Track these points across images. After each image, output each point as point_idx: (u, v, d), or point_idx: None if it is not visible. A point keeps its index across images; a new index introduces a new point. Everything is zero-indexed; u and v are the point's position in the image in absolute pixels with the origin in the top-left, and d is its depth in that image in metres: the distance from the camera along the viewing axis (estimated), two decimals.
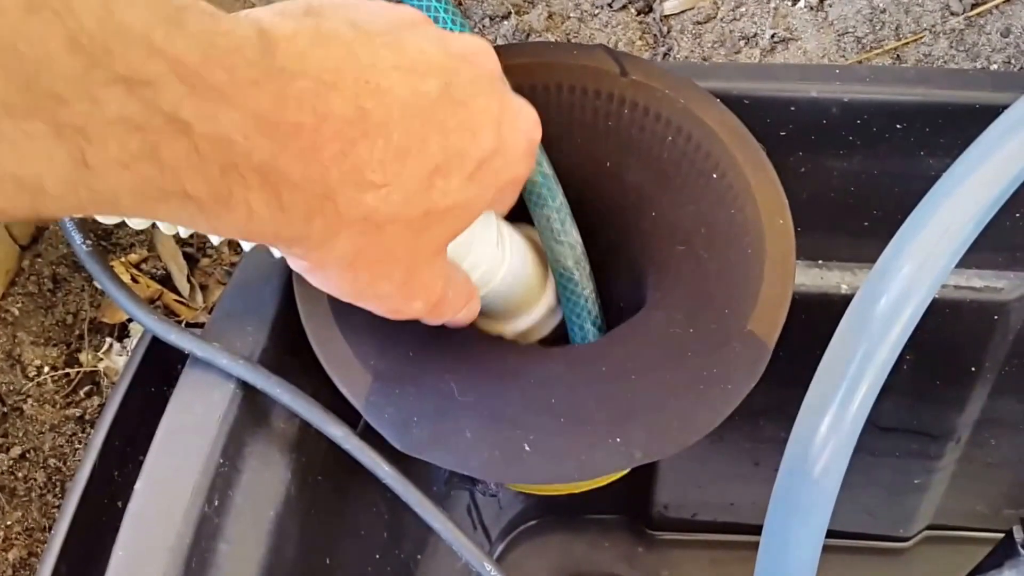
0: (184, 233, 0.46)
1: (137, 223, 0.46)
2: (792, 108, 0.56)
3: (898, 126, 0.56)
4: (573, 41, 0.83)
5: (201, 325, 0.73)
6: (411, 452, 0.45)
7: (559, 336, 0.57)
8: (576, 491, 0.61)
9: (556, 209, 0.52)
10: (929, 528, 0.82)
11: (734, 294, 0.48)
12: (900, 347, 0.42)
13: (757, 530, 0.78)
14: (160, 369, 0.55)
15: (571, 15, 0.83)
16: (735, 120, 0.51)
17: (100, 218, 0.46)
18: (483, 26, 0.84)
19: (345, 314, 0.48)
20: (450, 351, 0.49)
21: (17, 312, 0.72)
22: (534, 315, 0.55)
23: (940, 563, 0.82)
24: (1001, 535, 0.80)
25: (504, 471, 0.45)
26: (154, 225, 0.47)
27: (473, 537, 0.47)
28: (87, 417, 0.71)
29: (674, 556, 0.83)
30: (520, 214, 0.54)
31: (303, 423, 0.51)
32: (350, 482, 0.57)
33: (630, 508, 0.83)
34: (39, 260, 0.74)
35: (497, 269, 0.50)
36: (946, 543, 0.83)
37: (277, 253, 0.47)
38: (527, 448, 0.44)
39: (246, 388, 0.49)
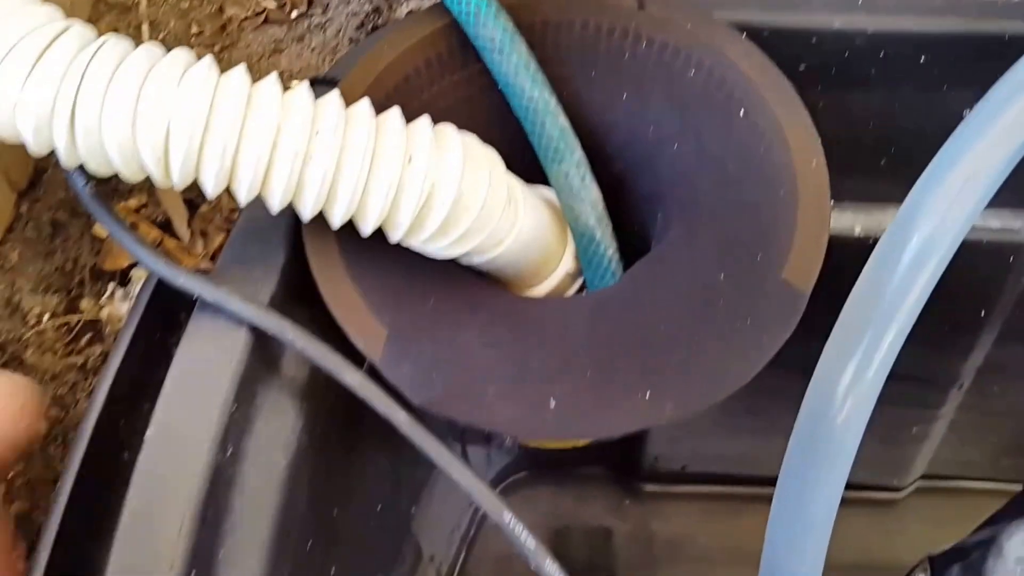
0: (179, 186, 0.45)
1: (129, 175, 0.44)
2: (814, 40, 0.54)
3: (923, 59, 0.54)
4: None
5: (204, 272, 0.72)
6: (431, 408, 0.44)
7: None
8: (580, 445, 0.61)
9: (575, 164, 0.50)
10: (923, 478, 0.82)
11: (766, 239, 0.46)
12: (928, 293, 0.41)
13: (749, 481, 0.78)
14: (163, 317, 0.54)
15: None
16: (761, 55, 0.50)
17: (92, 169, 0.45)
18: None
19: (358, 267, 0.47)
20: (467, 303, 0.48)
21: (15, 259, 0.71)
22: (553, 280, 0.54)
23: (933, 514, 0.82)
24: (997, 484, 0.79)
25: (529, 427, 0.44)
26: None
27: (491, 487, 0.46)
28: (88, 365, 0.70)
29: (664, 508, 0.83)
30: (537, 174, 0.52)
31: (313, 370, 0.50)
32: (355, 432, 0.57)
33: (619, 461, 0.82)
34: (37, 205, 0.72)
35: (507, 227, 0.48)
36: (940, 493, 0.82)
37: (275, 210, 0.46)
38: (553, 403, 0.43)
39: (257, 333, 0.47)
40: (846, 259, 0.43)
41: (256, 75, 0.78)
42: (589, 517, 0.82)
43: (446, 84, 0.53)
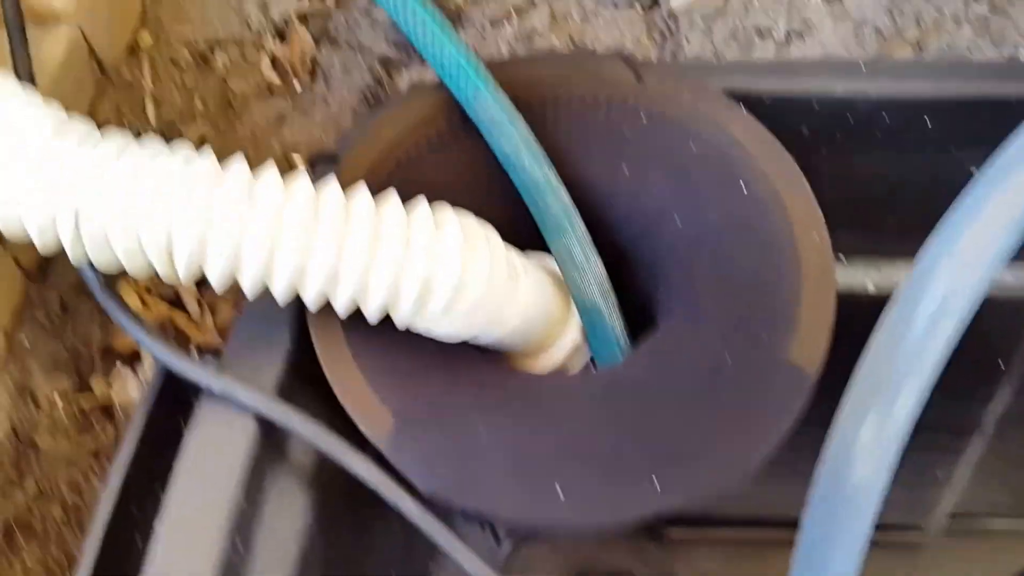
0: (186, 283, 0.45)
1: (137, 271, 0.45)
2: (816, 106, 0.54)
3: (928, 121, 0.54)
4: (577, 42, 0.81)
5: (213, 348, 0.72)
6: (436, 496, 0.44)
7: None
8: None
9: (577, 239, 0.50)
10: (949, 518, 0.81)
11: (771, 318, 0.46)
12: (944, 357, 0.40)
13: (773, 524, 0.76)
14: (174, 398, 0.54)
15: (574, 15, 0.82)
16: (761, 129, 0.50)
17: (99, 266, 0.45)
18: (484, 31, 0.82)
19: (362, 350, 0.47)
20: (473, 384, 0.48)
21: (27, 343, 0.71)
22: (559, 352, 0.53)
23: (961, 554, 0.80)
24: None
25: (537, 518, 0.43)
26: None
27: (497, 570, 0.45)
28: (101, 449, 0.70)
29: (688, 553, 0.81)
30: (539, 241, 0.52)
31: (321, 453, 0.49)
32: (367, 506, 0.56)
33: None
34: (47, 288, 0.72)
35: (509, 305, 0.48)
36: (967, 534, 0.81)
37: (281, 301, 0.46)
38: (560, 493, 0.43)
39: (264, 422, 0.47)
40: (857, 314, 0.42)
41: (261, 148, 0.80)
42: (612, 562, 0.81)
43: (448, 157, 0.53)
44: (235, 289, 0.76)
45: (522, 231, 0.52)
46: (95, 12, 0.76)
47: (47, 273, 0.72)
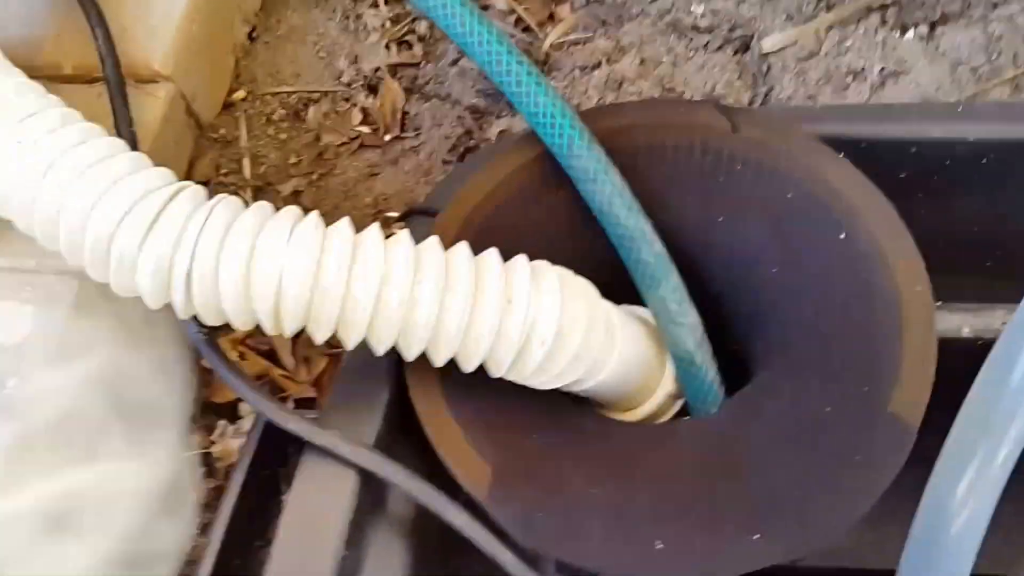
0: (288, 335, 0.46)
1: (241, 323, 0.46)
2: (913, 150, 0.53)
3: None
4: (668, 87, 0.81)
5: (309, 399, 0.73)
6: (538, 549, 0.44)
7: None
8: None
9: (672, 290, 0.50)
10: None
11: (871, 368, 0.45)
12: None
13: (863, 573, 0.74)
14: (273, 451, 0.55)
15: (664, 59, 0.82)
16: (859, 174, 0.49)
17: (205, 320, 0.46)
18: (573, 78, 0.82)
19: (459, 404, 0.48)
20: (570, 435, 0.48)
21: None
22: (654, 401, 0.53)
23: None
24: None
25: (636, 569, 0.43)
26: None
27: None
28: (201, 500, 0.71)
29: None
30: (633, 291, 0.52)
31: (419, 505, 0.50)
32: (464, 557, 0.56)
33: None
34: None
35: (606, 359, 0.48)
36: None
37: (379, 353, 0.47)
38: (660, 545, 0.42)
39: (365, 474, 0.48)
40: (954, 360, 0.41)
41: (353, 200, 0.81)
42: None
43: (541, 208, 0.54)
44: (329, 343, 0.77)
45: (616, 281, 0.52)
46: (192, 71, 0.79)
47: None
